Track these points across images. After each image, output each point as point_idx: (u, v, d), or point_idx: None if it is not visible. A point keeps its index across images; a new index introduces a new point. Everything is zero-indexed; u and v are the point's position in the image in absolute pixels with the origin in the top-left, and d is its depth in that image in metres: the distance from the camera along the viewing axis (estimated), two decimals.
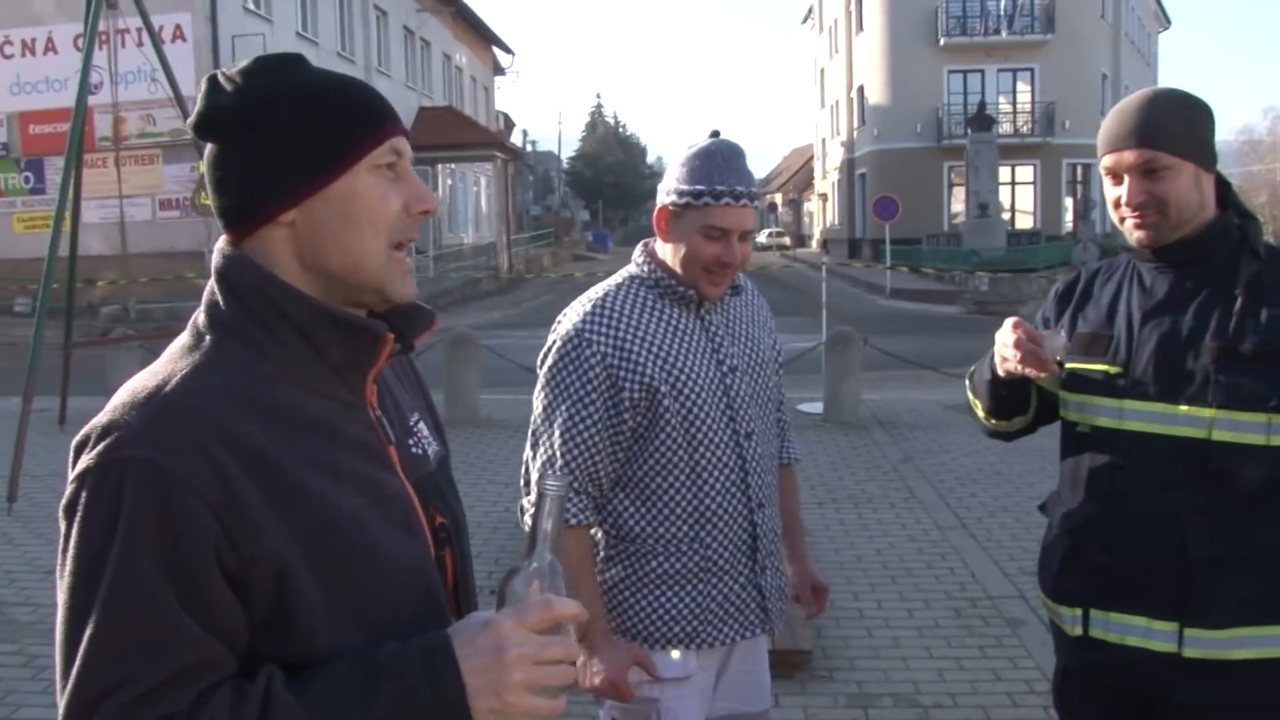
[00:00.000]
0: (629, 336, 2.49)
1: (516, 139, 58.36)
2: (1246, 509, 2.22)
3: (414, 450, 1.50)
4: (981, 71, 44.75)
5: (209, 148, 1.38)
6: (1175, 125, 2.26)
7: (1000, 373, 2.40)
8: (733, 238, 2.48)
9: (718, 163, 2.46)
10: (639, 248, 2.65)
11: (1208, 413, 2.22)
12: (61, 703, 1.19)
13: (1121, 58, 49.07)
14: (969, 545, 7.00)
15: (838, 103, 54.59)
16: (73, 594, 1.20)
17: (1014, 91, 45.48)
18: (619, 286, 2.58)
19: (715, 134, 2.57)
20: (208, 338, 1.34)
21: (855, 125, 50.97)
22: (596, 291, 2.59)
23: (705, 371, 2.53)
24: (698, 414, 2.50)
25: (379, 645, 1.28)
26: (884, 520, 7.59)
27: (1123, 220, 2.33)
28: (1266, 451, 2.21)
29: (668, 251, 2.56)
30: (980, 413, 2.63)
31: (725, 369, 2.56)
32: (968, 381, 2.67)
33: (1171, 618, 2.24)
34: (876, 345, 12.54)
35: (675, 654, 2.54)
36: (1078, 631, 2.39)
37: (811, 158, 71.11)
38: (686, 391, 2.49)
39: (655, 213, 2.56)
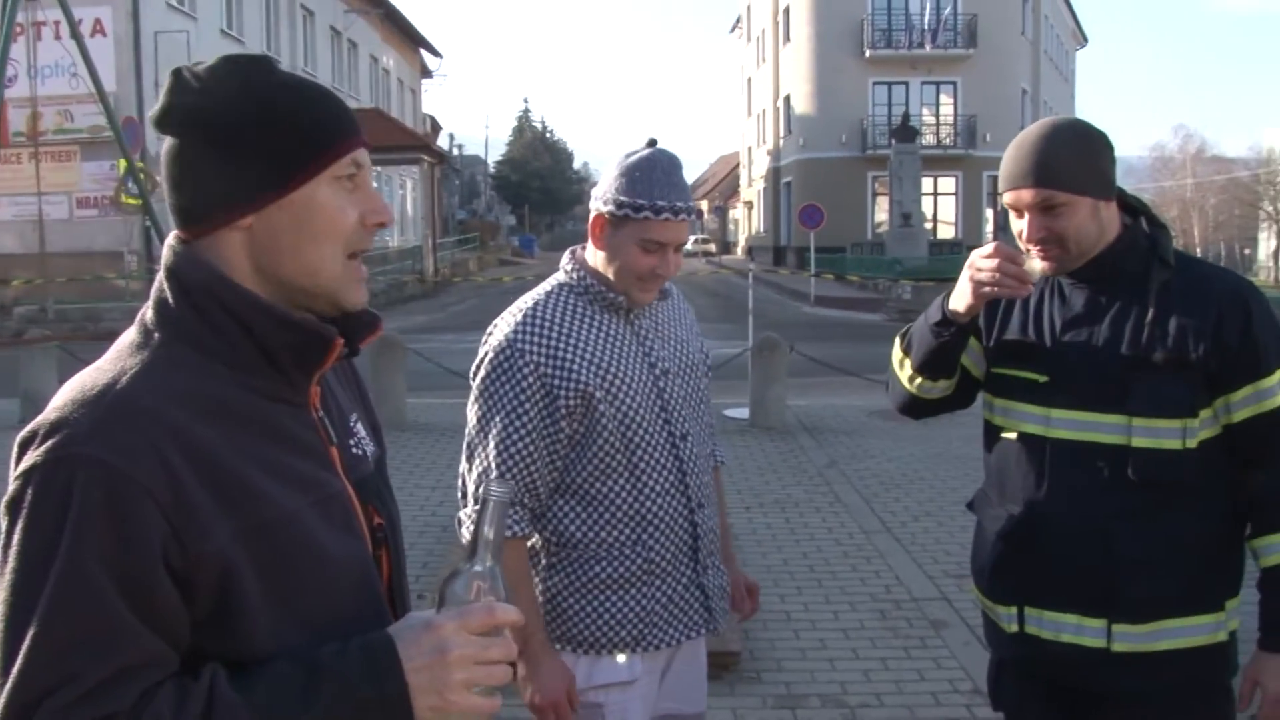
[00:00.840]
0: (562, 345, 2.49)
1: (443, 142, 58.04)
2: (1166, 510, 2.31)
3: (354, 451, 1.51)
4: (906, 84, 45.40)
5: (169, 143, 1.37)
6: (1070, 162, 2.30)
7: (963, 305, 2.38)
8: (669, 250, 2.50)
9: (659, 176, 2.46)
10: (567, 255, 2.65)
11: (1127, 420, 2.30)
12: (0, 701, 1.18)
13: (1041, 74, 50.11)
14: (893, 548, 7.10)
15: (764, 111, 55.05)
16: (15, 590, 1.19)
17: (937, 104, 46.21)
18: (549, 295, 2.57)
19: (653, 142, 2.56)
20: (156, 336, 1.34)
21: (781, 134, 51.43)
22: (527, 301, 2.58)
23: (639, 376, 2.54)
24: (634, 418, 2.51)
25: (320, 644, 1.29)
26: (810, 524, 7.67)
27: (1028, 251, 2.39)
28: (1183, 455, 2.30)
29: (599, 258, 2.55)
30: (907, 371, 2.60)
31: (658, 372, 2.57)
32: (899, 340, 2.64)
33: (1100, 615, 2.34)
34: (802, 351, 12.65)
35: (621, 658, 2.54)
36: (1014, 628, 2.47)
37: (737, 165, 71.63)
38: (622, 396, 2.50)
39: (591, 219, 2.55)
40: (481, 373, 2.52)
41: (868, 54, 45.07)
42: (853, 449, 10.23)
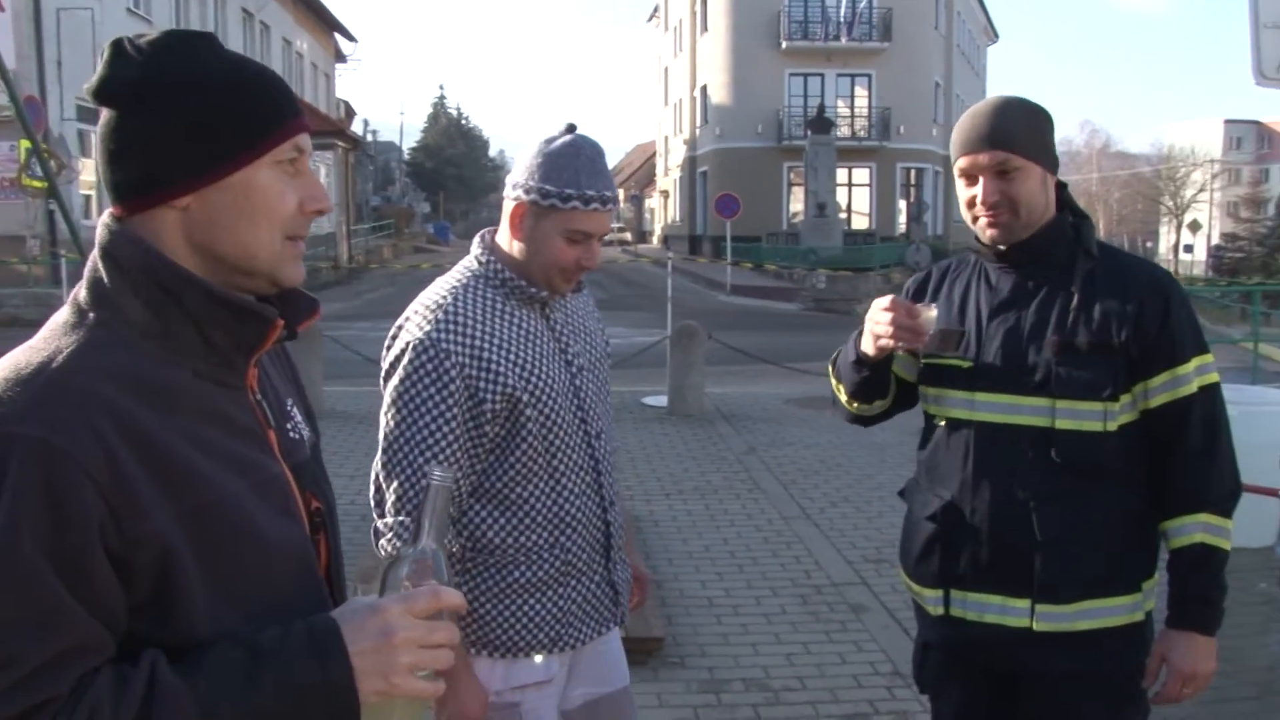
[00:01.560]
0: (485, 345, 2.36)
1: (357, 128, 57.22)
2: (1087, 492, 2.37)
3: (291, 435, 1.48)
4: (821, 75, 45.80)
5: (107, 116, 1.32)
6: (1024, 130, 2.39)
7: (870, 351, 2.45)
8: (594, 241, 2.43)
9: (584, 164, 2.37)
10: (477, 242, 2.53)
11: (1050, 403, 2.35)
12: None
13: (953, 68, 50.86)
14: (812, 534, 7.16)
15: (681, 101, 55.15)
16: None
17: (852, 96, 46.70)
18: (464, 288, 2.44)
19: (572, 128, 2.46)
20: (91, 315, 1.29)
21: (698, 124, 51.57)
22: (440, 295, 2.43)
23: (557, 375, 2.46)
24: (555, 420, 2.43)
25: (259, 628, 1.26)
26: (730, 511, 7.70)
27: (976, 219, 2.44)
28: (1104, 437, 2.36)
29: (517, 249, 2.44)
30: (843, 396, 2.70)
31: (574, 369, 2.51)
32: (830, 367, 2.72)
33: (1024, 595, 2.38)
34: (720, 339, 12.71)
35: (538, 659, 2.50)
36: (940, 611, 2.51)
37: (654, 154, 71.68)
38: (544, 398, 2.41)
39: (511, 208, 2.43)
40: (399, 374, 2.35)
41: (784, 45, 45.36)
42: (771, 436, 10.30)
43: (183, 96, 1.30)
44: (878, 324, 2.39)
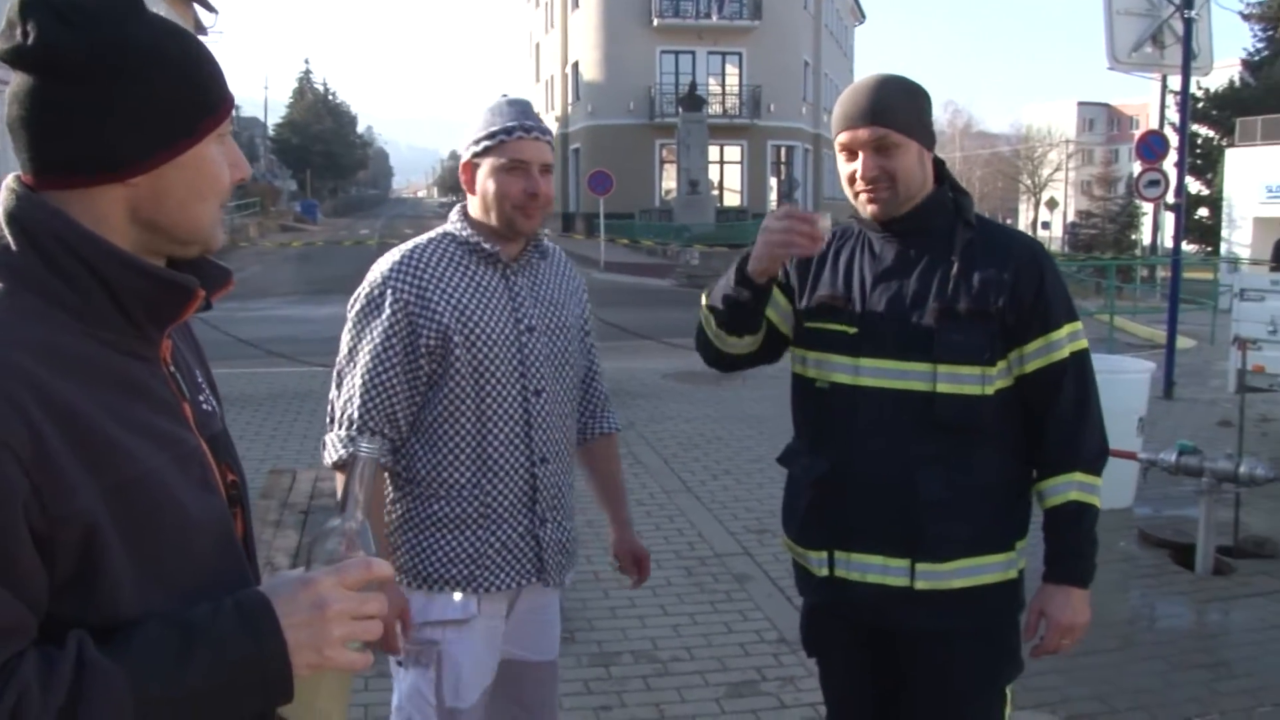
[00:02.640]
0: (430, 285, 2.58)
1: None
2: (966, 455, 2.46)
3: (205, 407, 1.45)
4: (693, 53, 46.02)
5: (24, 82, 1.24)
6: (903, 107, 2.46)
7: (761, 266, 2.45)
8: (534, 169, 2.59)
9: (505, 109, 2.62)
10: (455, 209, 2.74)
11: (931, 367, 2.43)
12: None
13: (822, 47, 51.58)
14: (694, 507, 7.24)
15: (553, 78, 54.87)
16: None
17: (723, 74, 47.02)
18: (430, 241, 2.68)
19: (504, 96, 2.69)
20: (0, 286, 1.23)
21: (570, 100, 51.41)
22: (407, 246, 2.69)
23: (501, 327, 2.61)
24: (487, 366, 2.58)
25: (186, 605, 1.23)
26: None
27: (857, 195, 2.51)
28: (983, 401, 2.45)
29: (476, 205, 2.66)
30: (712, 328, 2.67)
31: (523, 328, 2.64)
32: (704, 297, 2.69)
33: (904, 555, 2.46)
34: (597, 316, 12.73)
35: (457, 596, 2.60)
36: (824, 572, 2.57)
37: None
38: (479, 344, 2.57)
39: (460, 170, 2.67)
40: (356, 305, 2.64)
41: (655, 23, 45.46)
42: (650, 411, 10.37)
43: (143, 69, 1.25)
44: (774, 233, 2.40)
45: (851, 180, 2.50)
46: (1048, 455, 2.53)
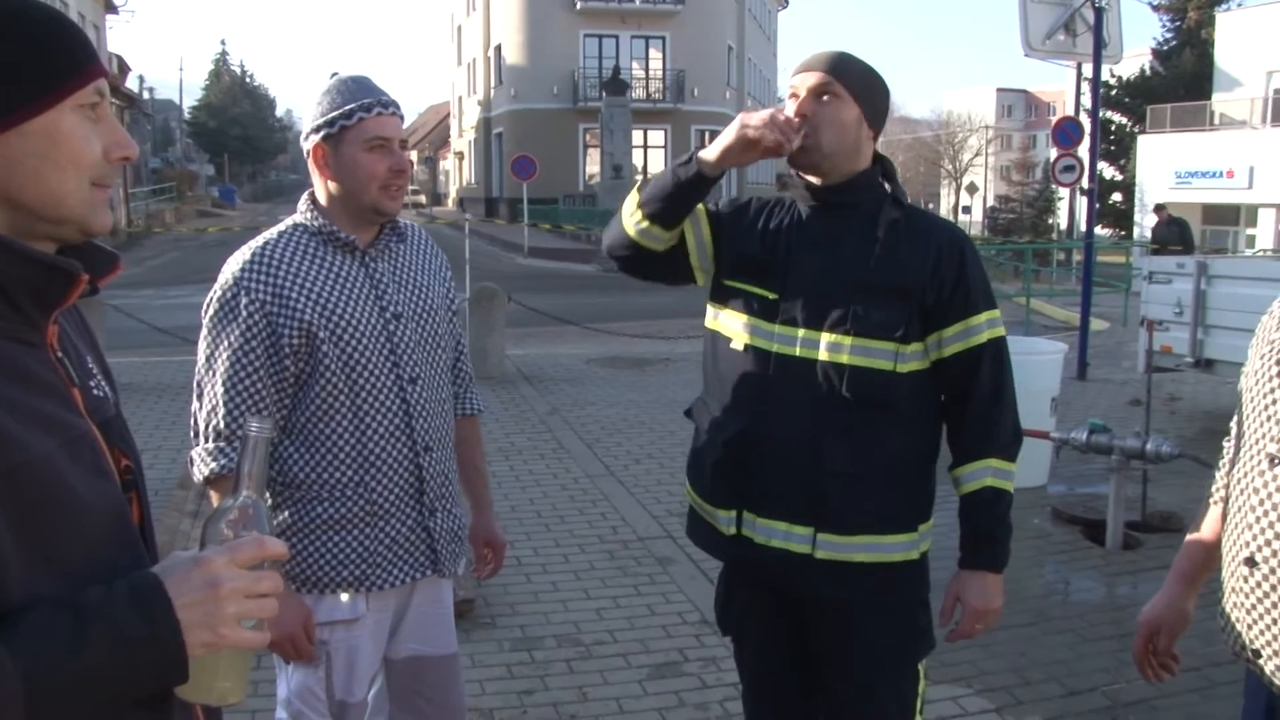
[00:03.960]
0: (287, 283, 2.47)
1: (132, 84, 54.15)
2: (874, 430, 2.49)
3: (96, 393, 1.42)
4: (616, 37, 45.91)
5: None
6: (857, 73, 2.50)
7: (714, 157, 2.44)
8: (395, 145, 2.49)
9: (352, 86, 2.48)
10: (304, 197, 2.60)
11: (846, 339, 2.45)
12: None
13: (746, 32, 51.78)
14: (617, 491, 7.26)
15: (475, 61, 54.45)
16: None
17: (646, 58, 46.97)
18: (281, 234, 2.55)
19: (335, 74, 2.57)
20: None
21: (492, 84, 51.05)
22: (258, 242, 2.54)
23: (367, 317, 2.52)
24: (358, 359, 2.50)
25: (76, 591, 1.21)
26: (535, 470, 7.74)
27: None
28: (894, 377, 2.47)
29: (332, 189, 2.52)
30: (632, 209, 2.61)
31: (389, 315, 2.56)
32: (636, 192, 2.64)
33: (808, 523, 2.49)
34: (520, 301, 12.68)
35: (344, 597, 2.55)
36: (732, 531, 2.59)
37: (448, 115, 70.67)
38: (346, 337, 2.48)
39: (310, 157, 2.52)
40: (210, 311, 2.50)
41: (578, 6, 45.27)
42: (573, 396, 10.37)
43: None
44: (750, 126, 2.38)
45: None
46: (963, 441, 2.56)
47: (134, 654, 1.19)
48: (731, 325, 2.59)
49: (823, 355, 2.46)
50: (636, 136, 41.64)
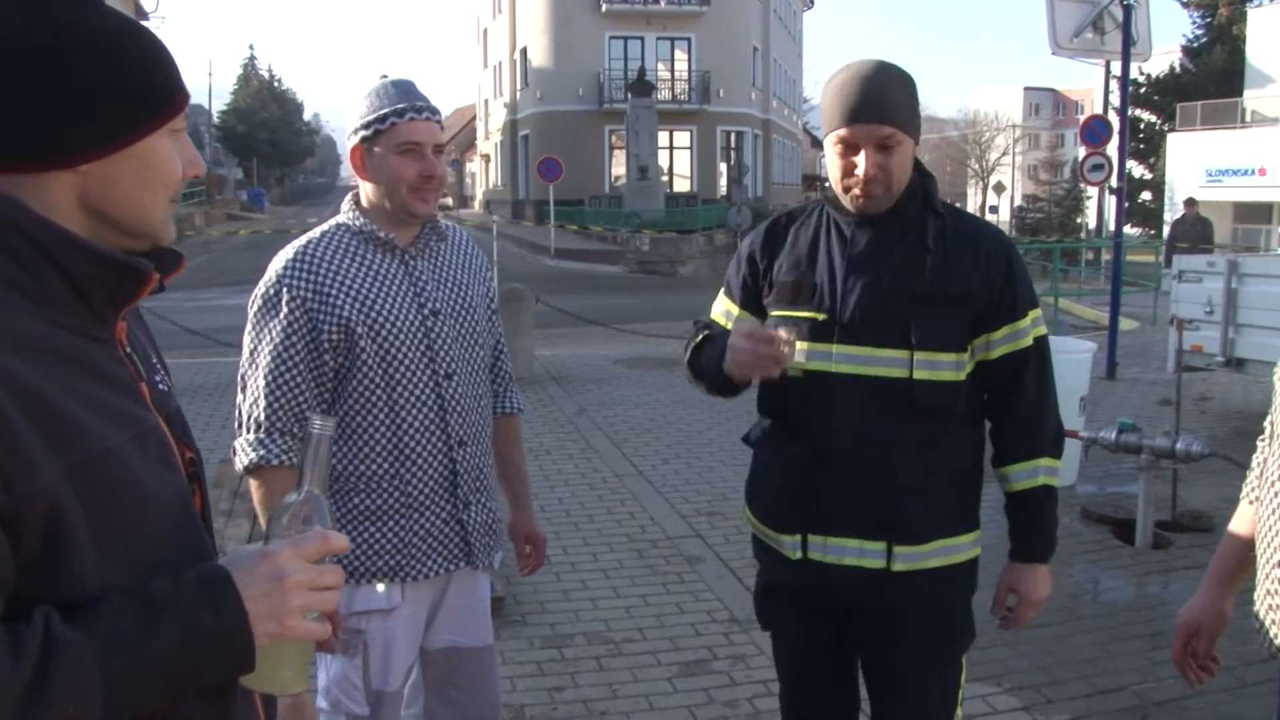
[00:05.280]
0: (327, 280, 2.54)
1: None
2: (940, 438, 2.49)
3: (161, 387, 1.47)
4: (641, 39, 45.90)
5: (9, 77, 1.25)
6: (903, 102, 2.44)
7: (733, 374, 2.45)
8: (427, 150, 2.55)
9: (391, 91, 2.56)
10: (347, 198, 2.69)
11: (911, 354, 2.44)
12: None
13: (771, 32, 51.68)
14: (646, 491, 7.29)
15: (501, 64, 54.61)
16: None
17: (672, 60, 46.93)
18: (324, 234, 2.63)
19: (384, 77, 2.64)
20: None
21: (518, 87, 51.18)
22: (301, 241, 2.62)
23: (405, 314, 2.58)
24: (395, 355, 2.56)
25: (146, 581, 1.26)
26: (564, 470, 7.78)
27: (847, 190, 2.47)
28: (958, 386, 2.48)
29: (369, 190, 2.61)
30: (701, 391, 2.73)
31: (427, 312, 2.61)
32: (688, 364, 2.72)
33: (881, 538, 2.48)
34: (548, 302, 12.73)
35: (380, 587, 2.60)
36: (798, 555, 2.56)
37: (474, 118, 70.87)
38: (384, 333, 2.55)
39: (350, 156, 2.60)
40: (254, 307, 2.57)
41: (604, 8, 45.29)
42: (601, 397, 10.41)
43: (98, 60, 1.27)
44: (739, 353, 2.38)
45: (847, 174, 2.45)
46: (1013, 440, 2.58)
47: (204, 643, 1.24)
48: None
49: (886, 372, 2.45)
50: (662, 138, 41.70)
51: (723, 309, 2.76)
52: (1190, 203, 19.66)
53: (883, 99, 2.40)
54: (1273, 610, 1.99)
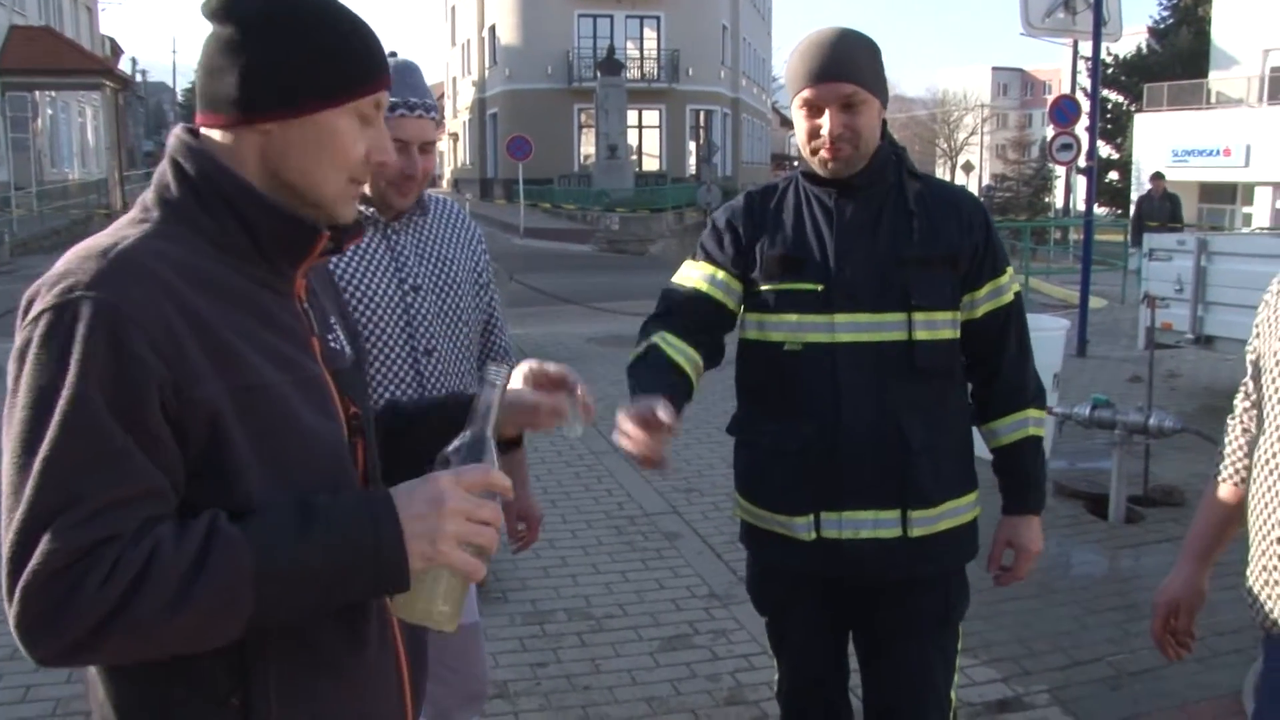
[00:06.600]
0: None
1: (125, 67, 53.87)
2: (941, 398, 2.53)
3: (333, 345, 1.57)
4: (610, 17, 45.66)
5: (218, 31, 1.41)
6: (867, 63, 2.44)
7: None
8: (413, 149, 2.52)
9: (392, 78, 2.47)
10: None
11: (912, 315, 2.47)
12: (11, 526, 1.22)
13: (740, 11, 51.53)
14: (623, 468, 7.29)
15: (469, 41, 54.22)
16: (24, 424, 1.23)
17: (641, 38, 46.74)
18: None
19: (393, 54, 2.56)
20: (154, 213, 1.41)
21: (487, 65, 50.87)
22: None
23: (384, 289, 2.56)
24: (372, 329, 2.54)
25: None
26: (540, 448, 7.76)
27: (815, 152, 2.47)
28: (953, 344, 2.54)
29: None
30: None
31: (407, 288, 2.60)
32: (628, 372, 2.58)
33: (894, 506, 2.49)
34: (521, 281, 12.71)
35: None
36: (812, 536, 2.53)
37: (442, 96, 70.43)
38: (361, 307, 2.53)
39: None
40: None
41: None
42: (576, 374, 10.38)
43: (300, 33, 1.40)
44: (622, 436, 2.11)
45: (813, 136, 2.45)
46: (999, 395, 2.62)
47: (357, 553, 1.30)
48: (780, 329, 2.53)
49: (887, 336, 2.46)
50: (631, 116, 41.58)
51: (703, 274, 2.61)
52: (1157, 177, 19.06)
53: (845, 59, 2.41)
54: (1268, 586, 2.02)
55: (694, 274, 2.65)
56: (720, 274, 2.60)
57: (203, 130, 1.45)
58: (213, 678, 1.36)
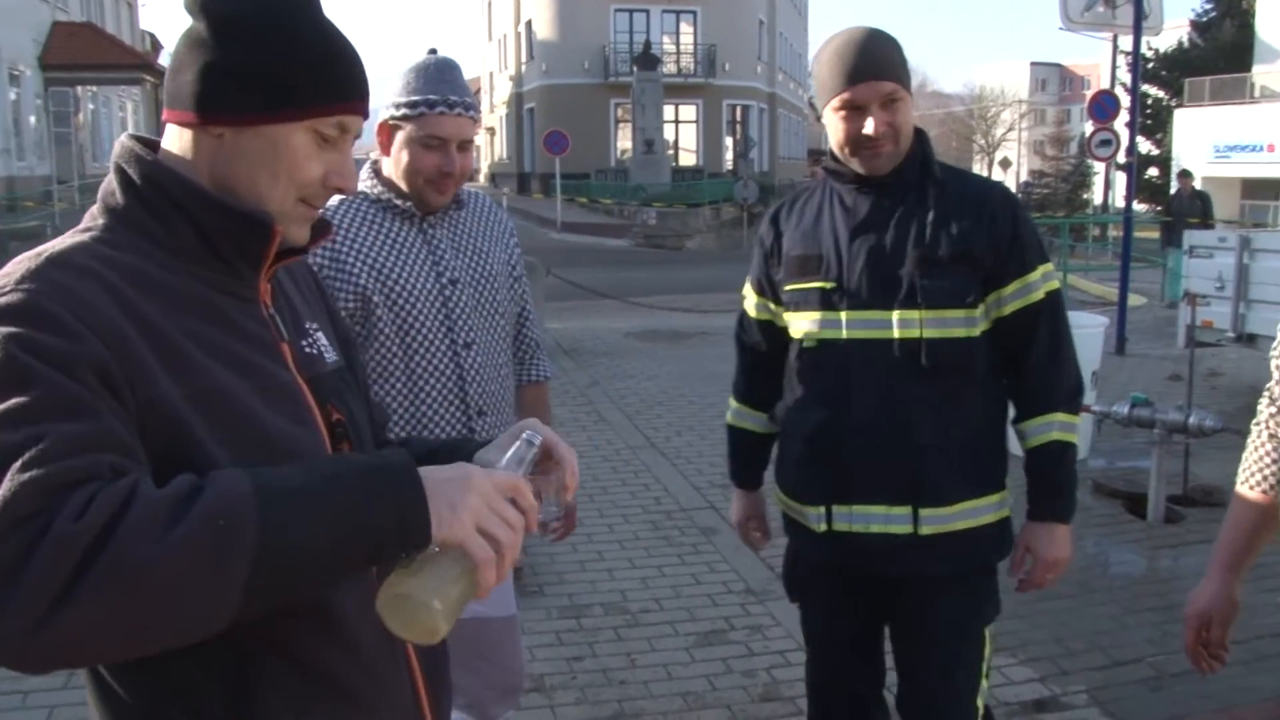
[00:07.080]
0: (344, 249, 2.55)
1: (165, 61, 54.29)
2: (957, 397, 2.51)
3: (307, 350, 1.51)
4: (647, 12, 45.62)
5: (192, 26, 1.38)
6: (898, 59, 2.48)
7: None
8: (451, 147, 2.54)
9: (431, 75, 2.52)
10: (365, 166, 2.68)
11: (918, 314, 2.47)
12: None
13: (776, 6, 51.36)
14: (659, 462, 7.32)
15: (506, 36, 54.31)
16: None
17: (677, 33, 46.64)
18: (343, 201, 2.61)
19: (433, 51, 2.61)
20: (100, 221, 1.36)
21: (524, 59, 50.93)
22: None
23: (423, 283, 2.59)
24: (412, 323, 2.56)
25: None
26: (577, 442, 7.79)
27: (856, 151, 2.49)
28: (970, 343, 2.51)
29: (390, 166, 2.60)
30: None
31: (445, 281, 2.62)
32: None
33: (906, 502, 2.50)
34: (559, 275, 12.74)
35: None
36: (822, 528, 2.59)
37: (478, 91, 70.58)
38: (401, 301, 2.56)
39: (377, 129, 2.59)
40: None
41: None
42: (613, 369, 10.44)
43: (263, 40, 1.35)
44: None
45: (854, 136, 2.46)
46: (1027, 396, 2.60)
47: (373, 474, 1.22)
48: (799, 326, 2.62)
49: (899, 333, 2.47)
50: (668, 111, 41.49)
51: (751, 302, 2.80)
52: (1185, 175, 18.91)
53: (882, 57, 2.44)
54: None
55: (747, 301, 2.82)
56: (761, 299, 2.76)
57: (166, 127, 1.40)
58: (209, 701, 1.30)
